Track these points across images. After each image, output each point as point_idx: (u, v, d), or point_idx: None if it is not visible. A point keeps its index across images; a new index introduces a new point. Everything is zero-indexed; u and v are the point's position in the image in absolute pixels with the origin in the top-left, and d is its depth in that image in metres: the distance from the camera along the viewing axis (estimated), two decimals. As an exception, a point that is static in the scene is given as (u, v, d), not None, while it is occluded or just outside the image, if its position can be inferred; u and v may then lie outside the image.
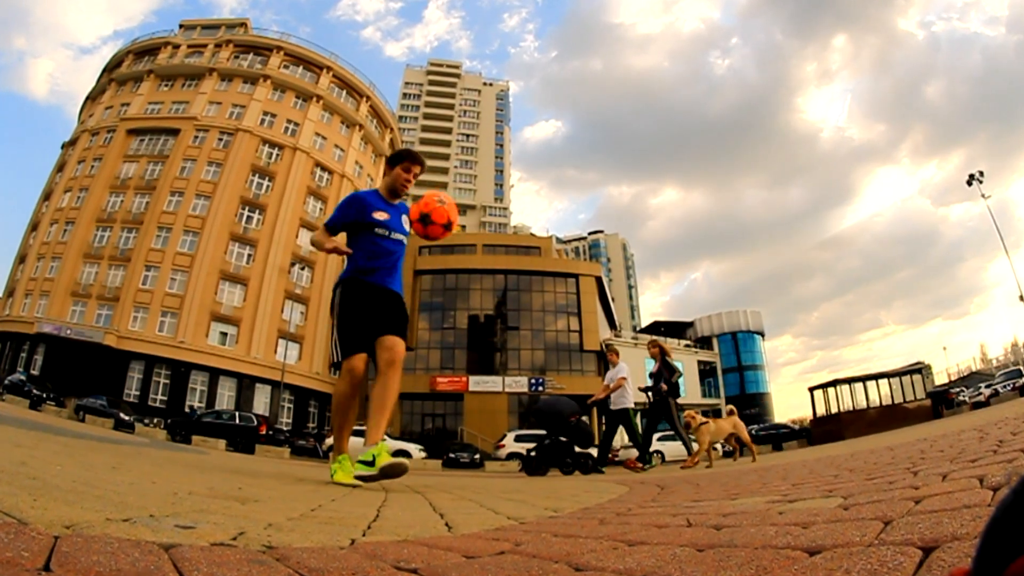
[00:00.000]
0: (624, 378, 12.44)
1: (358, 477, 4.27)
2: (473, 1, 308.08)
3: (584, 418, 12.44)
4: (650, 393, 12.23)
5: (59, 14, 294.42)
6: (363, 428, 4.90)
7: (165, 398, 45.52)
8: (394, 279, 4.93)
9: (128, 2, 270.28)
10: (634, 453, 12.22)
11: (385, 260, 4.84)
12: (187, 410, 42.58)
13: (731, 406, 13.09)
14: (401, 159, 4.94)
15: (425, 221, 4.72)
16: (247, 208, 53.89)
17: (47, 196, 56.63)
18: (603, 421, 13.05)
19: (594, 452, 12.16)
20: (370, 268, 4.79)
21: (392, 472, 4.18)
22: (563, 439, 11.80)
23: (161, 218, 50.86)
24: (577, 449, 11.79)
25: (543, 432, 12.19)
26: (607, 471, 11.63)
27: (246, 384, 48.28)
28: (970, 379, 53.70)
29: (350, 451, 4.78)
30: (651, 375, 12.33)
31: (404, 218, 4.98)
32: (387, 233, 4.82)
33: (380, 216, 4.81)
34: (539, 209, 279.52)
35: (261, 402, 48.62)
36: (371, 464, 4.18)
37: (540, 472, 11.57)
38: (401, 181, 4.90)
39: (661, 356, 12.22)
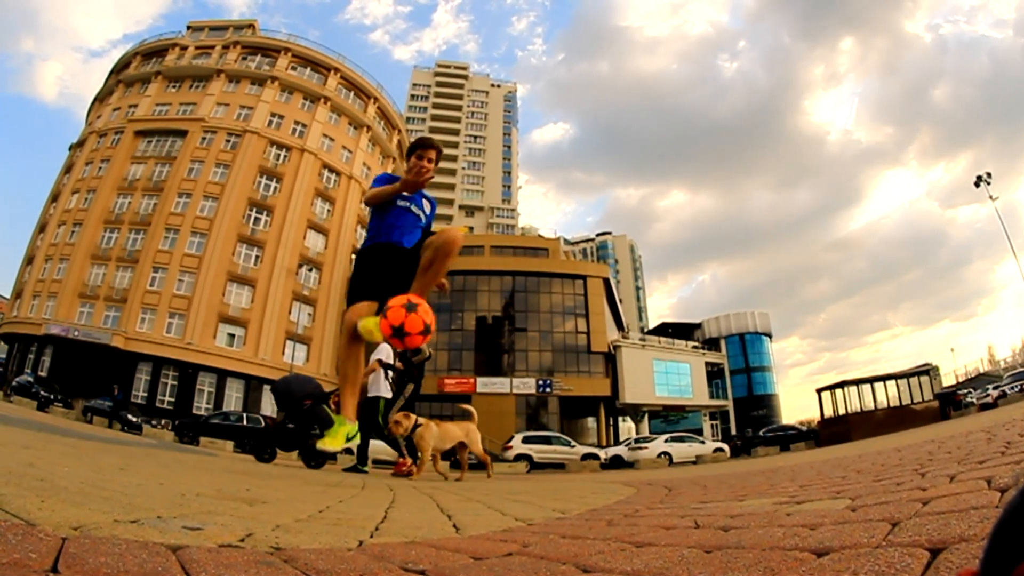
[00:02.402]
0: (379, 360, 10.43)
1: None
2: (482, 5, 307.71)
3: (326, 405, 11.01)
4: (390, 372, 10.40)
5: (68, 17, 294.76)
6: None
7: (173, 399, 45.61)
8: (411, 238, 4.84)
9: (137, 5, 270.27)
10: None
11: (403, 222, 4.83)
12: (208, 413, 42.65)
13: (469, 407, 10.69)
14: (414, 148, 4.80)
15: (400, 334, 4.04)
16: (255, 209, 53.95)
17: (55, 197, 56.75)
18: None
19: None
20: (387, 229, 4.80)
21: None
22: (292, 425, 10.98)
23: (169, 219, 50.92)
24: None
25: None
26: (375, 471, 10.33)
27: (254, 386, 48.34)
28: (978, 380, 53.58)
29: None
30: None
31: (424, 202, 4.99)
32: (408, 205, 4.84)
33: (405, 195, 4.81)
34: (547, 211, 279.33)
35: (269, 403, 48.56)
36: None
37: (266, 458, 10.78)
38: (419, 168, 4.64)
39: None
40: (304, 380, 11.69)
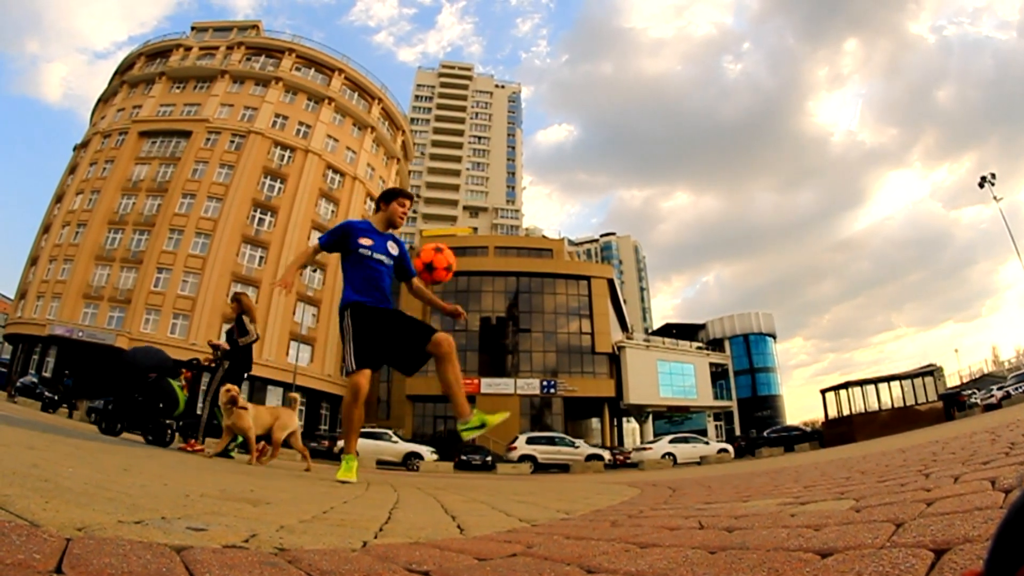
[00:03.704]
0: (209, 342, 10.83)
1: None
2: (486, 7, 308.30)
3: (179, 380, 10.80)
4: (217, 351, 10.34)
5: (72, 20, 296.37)
6: (375, 430, 5.24)
7: (177, 400, 45.58)
8: (389, 301, 5.48)
9: (142, 7, 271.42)
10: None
11: (377, 283, 5.40)
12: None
13: (295, 394, 10.64)
14: (395, 196, 5.58)
15: (430, 268, 5.36)
16: (259, 210, 54.00)
17: (59, 198, 56.80)
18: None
19: None
20: (367, 293, 5.36)
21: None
22: (140, 397, 10.39)
23: (173, 220, 51.00)
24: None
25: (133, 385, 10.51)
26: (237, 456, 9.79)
27: (258, 386, 48.29)
28: (982, 381, 53.43)
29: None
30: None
31: (391, 244, 5.55)
32: (370, 254, 5.38)
33: (365, 242, 5.40)
34: (551, 213, 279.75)
35: (273, 404, 48.65)
36: (481, 426, 5.01)
37: (113, 431, 10.37)
38: (399, 215, 5.55)
39: (239, 312, 10.33)
40: (152, 352, 11.14)
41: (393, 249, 5.55)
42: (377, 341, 5.26)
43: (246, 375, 10.20)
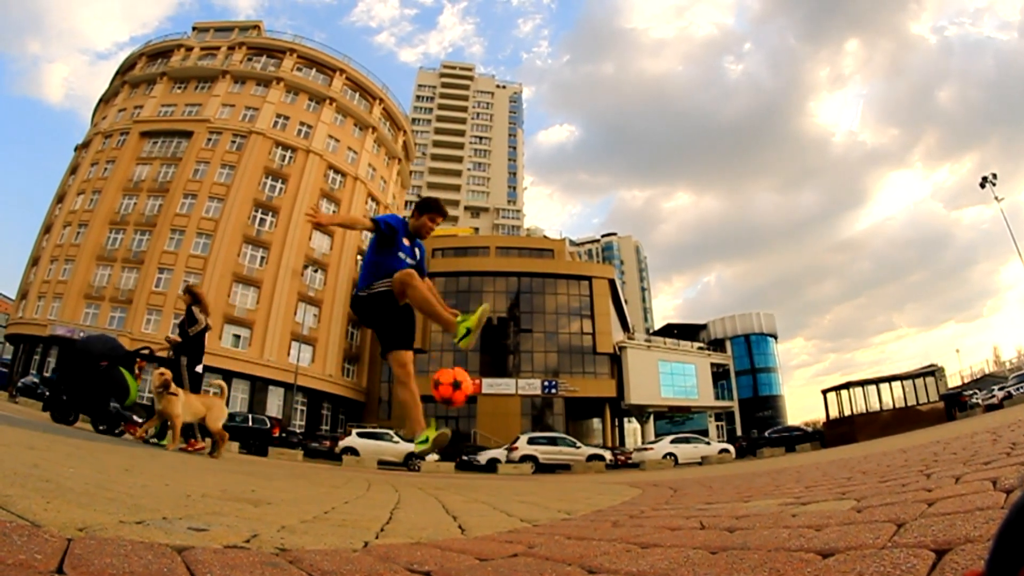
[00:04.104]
0: (166, 337, 10.79)
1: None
2: (488, 8, 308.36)
3: (133, 371, 10.60)
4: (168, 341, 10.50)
5: (74, 20, 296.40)
6: (376, 431, 5.35)
7: (179, 400, 45.53)
8: None
9: (143, 8, 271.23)
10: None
11: (403, 267, 5.51)
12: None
13: (222, 382, 10.44)
14: (430, 209, 5.67)
15: (447, 402, 5.26)
16: (260, 210, 53.96)
17: (60, 199, 56.80)
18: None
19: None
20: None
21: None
22: (90, 385, 10.22)
23: (174, 220, 50.97)
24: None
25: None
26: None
27: (259, 386, 48.34)
28: (983, 381, 53.49)
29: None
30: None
31: (416, 250, 5.78)
32: (404, 257, 5.59)
33: (406, 242, 5.64)
34: (552, 213, 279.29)
35: (274, 404, 48.69)
36: (467, 334, 5.09)
37: (66, 420, 10.19)
38: (427, 229, 5.69)
39: (190, 303, 10.64)
40: (105, 340, 10.97)
41: (416, 253, 5.80)
42: (409, 326, 5.59)
43: (201, 365, 10.43)
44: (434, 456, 28.92)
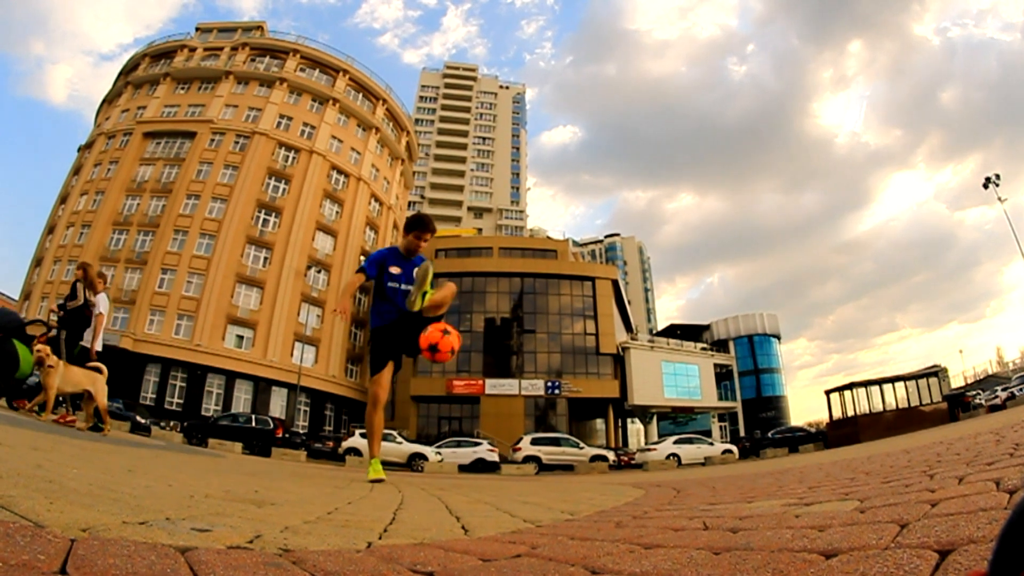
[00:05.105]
0: (101, 314, 10.75)
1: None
2: (491, 9, 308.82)
3: (29, 345, 10.11)
4: (55, 317, 10.47)
5: (78, 21, 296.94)
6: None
7: (181, 401, 45.68)
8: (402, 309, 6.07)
9: (147, 10, 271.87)
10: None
11: (397, 306, 6.01)
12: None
13: (99, 363, 10.16)
14: (412, 228, 6.03)
15: (433, 349, 5.50)
16: (263, 211, 54.11)
17: (63, 199, 57.04)
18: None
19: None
20: (388, 313, 6.07)
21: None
22: None
23: (177, 221, 51.12)
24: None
25: None
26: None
27: (262, 387, 48.43)
28: (986, 382, 53.55)
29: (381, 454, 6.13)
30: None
31: (415, 270, 5.97)
32: (398, 286, 6.00)
33: (394, 271, 6.02)
34: (555, 214, 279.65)
35: (277, 405, 48.76)
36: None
37: None
38: (415, 246, 6.05)
39: (80, 278, 10.51)
40: (4, 312, 10.53)
41: (413, 272, 6.04)
42: (391, 346, 6.03)
43: (97, 343, 10.68)
44: (437, 456, 28.98)
